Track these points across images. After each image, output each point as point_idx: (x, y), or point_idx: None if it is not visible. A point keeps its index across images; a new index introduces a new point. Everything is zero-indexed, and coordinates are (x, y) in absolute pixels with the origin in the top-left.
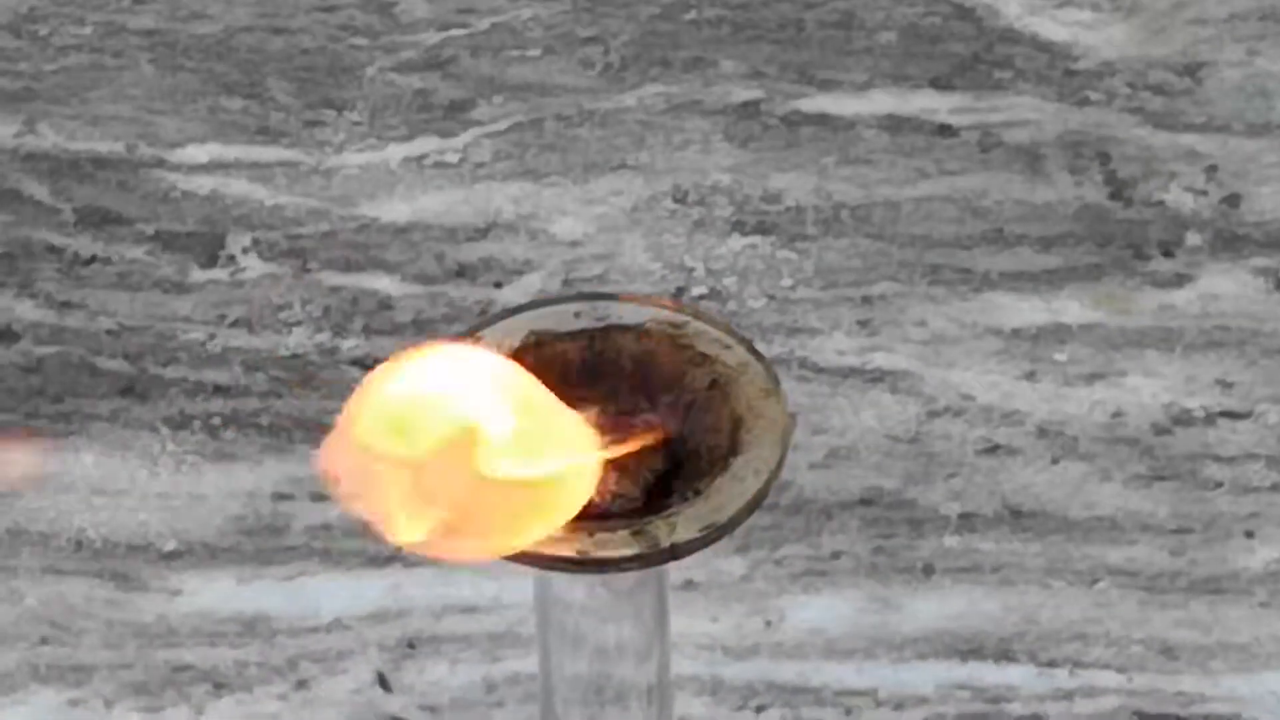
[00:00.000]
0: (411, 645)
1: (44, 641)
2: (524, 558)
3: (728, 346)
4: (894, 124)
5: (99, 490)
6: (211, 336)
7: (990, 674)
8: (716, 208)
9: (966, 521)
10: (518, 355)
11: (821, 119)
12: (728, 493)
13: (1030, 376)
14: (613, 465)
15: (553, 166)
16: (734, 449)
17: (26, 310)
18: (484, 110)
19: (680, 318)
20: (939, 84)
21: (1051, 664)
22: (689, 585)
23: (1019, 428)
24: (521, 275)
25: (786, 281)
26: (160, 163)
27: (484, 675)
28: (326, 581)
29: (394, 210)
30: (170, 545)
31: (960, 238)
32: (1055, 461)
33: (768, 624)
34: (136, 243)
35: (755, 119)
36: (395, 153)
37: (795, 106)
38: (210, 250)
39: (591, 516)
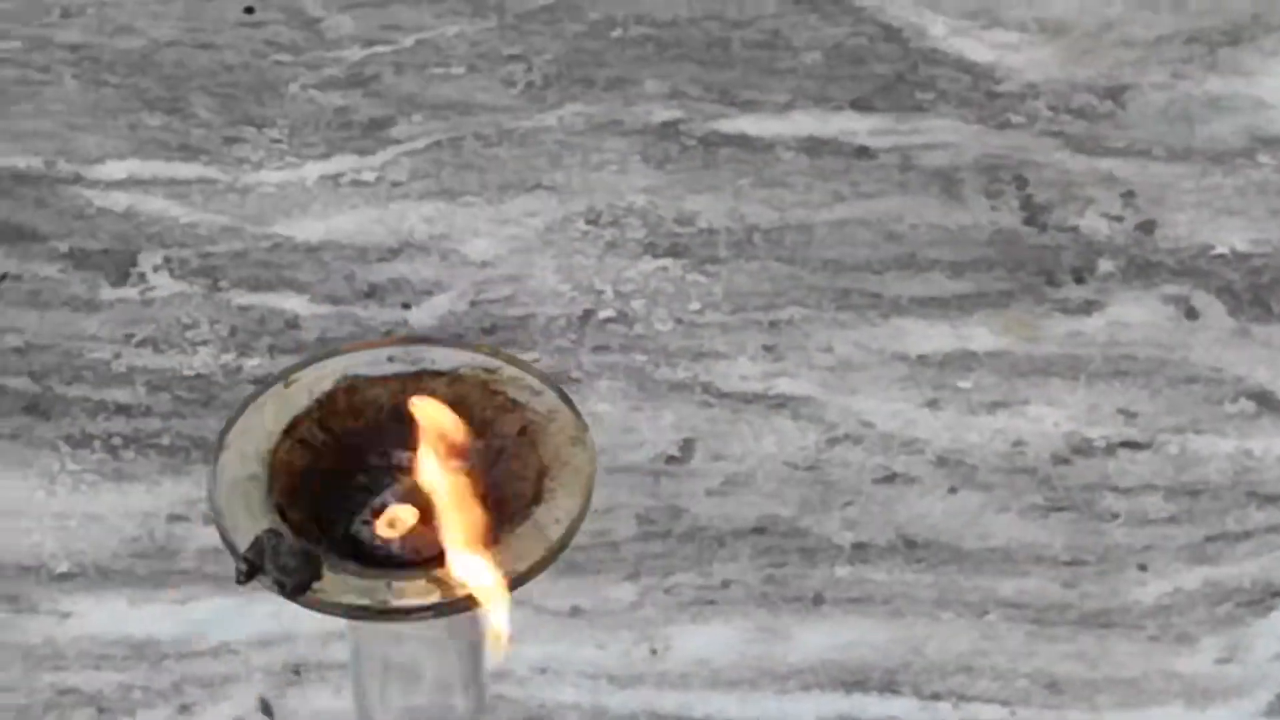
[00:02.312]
0: (296, 671)
1: None
2: (324, 607)
3: (539, 393)
4: (813, 145)
5: None
6: (117, 355)
7: (873, 706)
8: (629, 229)
9: (860, 551)
10: (330, 399)
11: (741, 140)
12: (529, 541)
13: (933, 404)
14: (417, 511)
15: (469, 186)
16: (538, 496)
17: None
18: (403, 128)
19: (493, 363)
20: (860, 105)
21: (935, 696)
22: (576, 612)
23: (918, 456)
24: (430, 296)
25: (695, 305)
26: (78, 179)
27: None
28: (215, 605)
29: (307, 229)
30: (63, 566)
31: (873, 262)
32: (953, 491)
33: (653, 652)
34: (49, 260)
35: (674, 139)
36: (312, 170)
37: (714, 127)
38: (122, 268)
39: (392, 564)
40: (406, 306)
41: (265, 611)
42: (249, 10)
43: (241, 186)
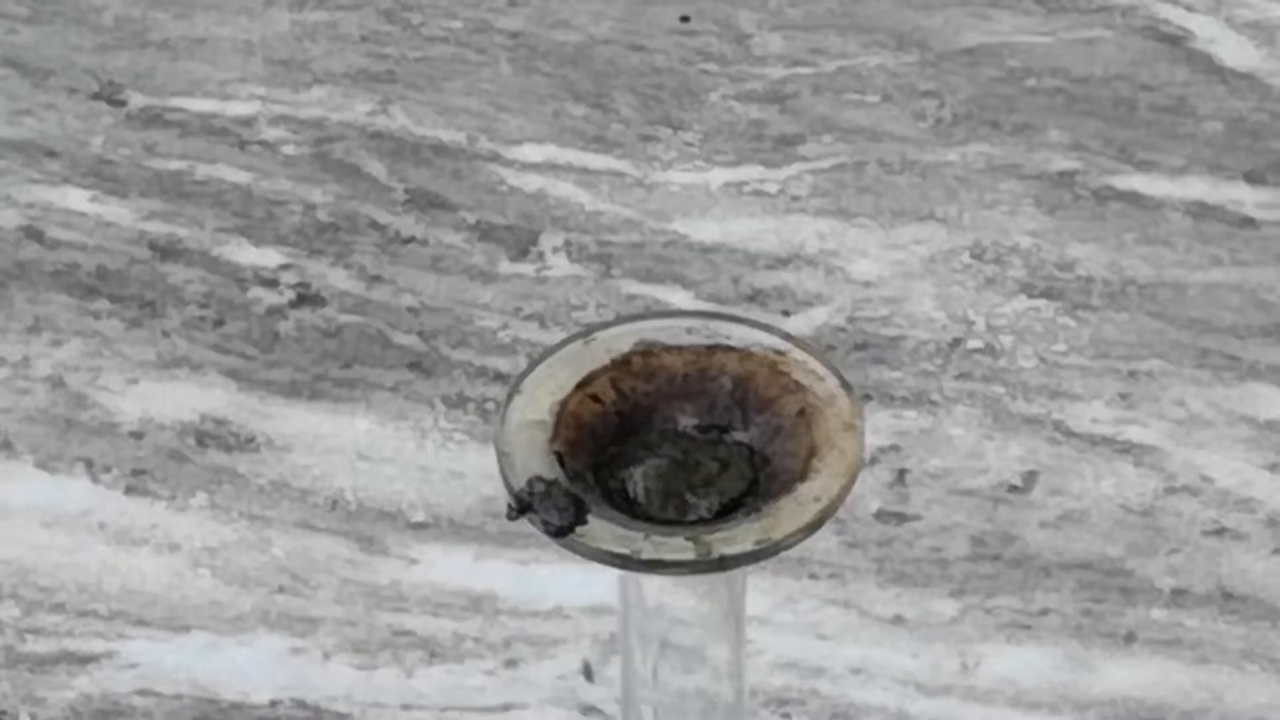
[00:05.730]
0: None
1: (281, 590)
2: (584, 551)
3: (821, 378)
4: (1200, 210)
5: (365, 456)
6: (505, 326)
7: None
8: (1010, 268)
9: (1177, 597)
10: (625, 360)
11: (1132, 196)
12: (786, 514)
13: (1274, 468)
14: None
15: (864, 209)
16: (804, 474)
17: (339, 279)
18: (812, 147)
19: (783, 345)
20: (1253, 177)
21: None
22: (898, 620)
23: (1250, 515)
24: (810, 307)
25: (1060, 346)
26: (495, 157)
27: None
28: (557, 571)
29: (704, 230)
30: (419, 516)
31: (1238, 327)
32: (1278, 552)
33: (964, 667)
34: (456, 229)
35: (1068, 188)
36: (718, 176)
37: (1109, 182)
38: (523, 245)
39: (659, 522)
40: (786, 314)
41: (603, 582)
42: (685, 19)
43: (649, 183)
